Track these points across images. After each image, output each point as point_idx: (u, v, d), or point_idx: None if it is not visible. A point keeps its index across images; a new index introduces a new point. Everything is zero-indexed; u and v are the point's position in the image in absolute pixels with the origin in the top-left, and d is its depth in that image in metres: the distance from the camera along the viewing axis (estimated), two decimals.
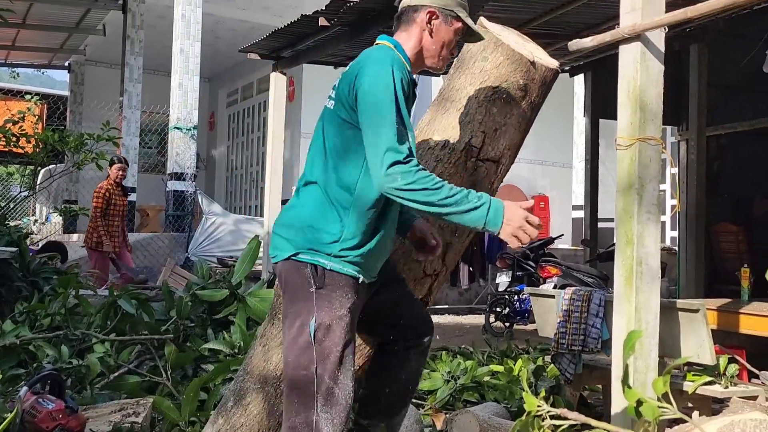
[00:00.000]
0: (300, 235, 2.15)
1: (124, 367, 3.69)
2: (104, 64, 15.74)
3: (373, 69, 2.12)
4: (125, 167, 7.49)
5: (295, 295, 2.14)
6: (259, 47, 7.45)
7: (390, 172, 2.01)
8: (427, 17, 2.26)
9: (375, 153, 2.05)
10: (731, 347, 4.35)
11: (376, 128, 2.06)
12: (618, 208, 3.03)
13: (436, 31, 2.27)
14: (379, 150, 2.03)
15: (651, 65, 2.97)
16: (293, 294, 2.15)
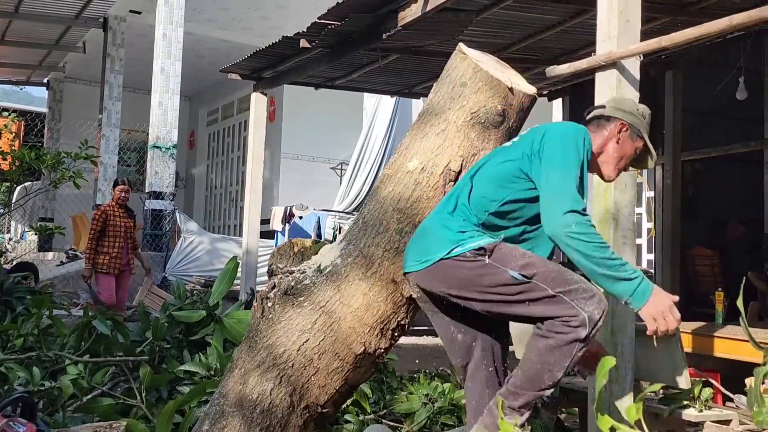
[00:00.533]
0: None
1: (98, 389, 3.63)
2: (84, 82, 15.68)
3: (568, 129, 2.43)
4: (128, 189, 7.33)
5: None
6: (240, 67, 7.47)
7: (567, 218, 2.21)
8: (619, 128, 2.56)
9: (555, 199, 2.26)
10: (706, 370, 4.38)
11: (561, 178, 2.28)
12: None
13: (622, 142, 2.57)
14: (561, 197, 2.25)
15: (626, 92, 3.03)
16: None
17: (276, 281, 2.59)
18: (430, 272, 2.36)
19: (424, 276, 2.39)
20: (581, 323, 2.18)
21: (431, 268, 2.34)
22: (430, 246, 2.37)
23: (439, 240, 2.35)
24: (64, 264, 10.72)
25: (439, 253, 2.32)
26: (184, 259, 10.12)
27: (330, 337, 2.49)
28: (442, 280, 2.35)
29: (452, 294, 2.36)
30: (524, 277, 2.25)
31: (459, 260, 2.30)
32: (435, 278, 2.36)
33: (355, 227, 2.63)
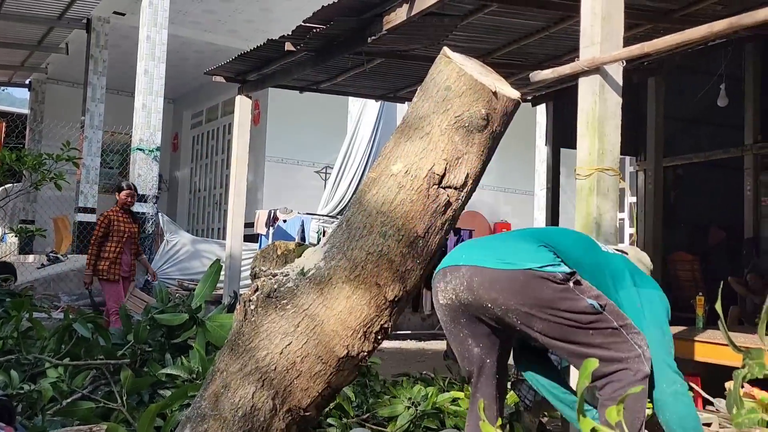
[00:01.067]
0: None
1: (78, 392, 3.60)
2: (66, 83, 15.56)
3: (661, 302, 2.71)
4: (134, 193, 7.16)
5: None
6: (224, 70, 7.45)
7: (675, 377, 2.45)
8: None
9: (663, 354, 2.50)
10: (686, 374, 4.40)
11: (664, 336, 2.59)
12: None
13: None
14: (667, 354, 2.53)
15: (609, 98, 3.05)
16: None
17: (259, 284, 2.58)
18: (507, 278, 2.38)
19: (496, 278, 2.40)
20: (639, 356, 2.34)
21: (512, 273, 2.37)
22: (518, 253, 2.43)
23: (532, 252, 2.42)
24: (45, 267, 10.62)
25: (530, 263, 2.37)
26: (167, 262, 10.06)
27: (313, 341, 2.48)
28: (517, 292, 2.38)
29: (518, 309, 2.38)
30: (600, 306, 2.35)
31: (548, 277, 2.35)
32: (509, 287, 2.38)
33: (338, 230, 2.63)
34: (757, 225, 8.01)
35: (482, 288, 2.43)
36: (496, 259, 2.43)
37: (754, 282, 7.30)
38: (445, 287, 2.54)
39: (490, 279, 2.41)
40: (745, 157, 8.09)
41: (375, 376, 4.79)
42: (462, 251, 2.60)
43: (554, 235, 2.66)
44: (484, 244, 2.59)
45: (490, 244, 2.57)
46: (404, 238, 2.53)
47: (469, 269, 2.46)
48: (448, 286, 2.53)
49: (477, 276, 2.44)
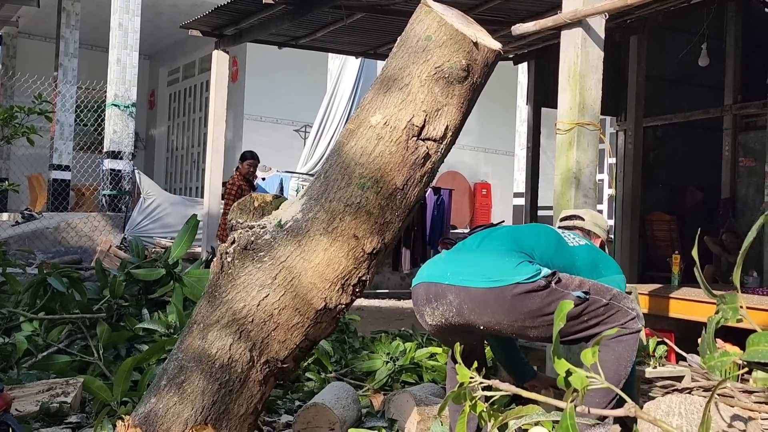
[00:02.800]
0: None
1: (54, 346, 3.57)
2: (38, 37, 15.16)
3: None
4: (256, 163, 7.14)
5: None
6: (201, 23, 7.29)
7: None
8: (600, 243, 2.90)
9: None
10: (661, 331, 4.49)
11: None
12: (556, 192, 3.08)
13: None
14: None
15: (591, 51, 3.02)
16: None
17: (236, 236, 2.55)
18: (495, 298, 2.40)
19: (485, 300, 2.41)
20: (633, 318, 2.45)
21: (500, 292, 2.39)
22: (501, 269, 2.44)
23: (514, 266, 2.44)
24: (20, 224, 10.48)
25: (515, 277, 2.39)
26: (145, 219, 9.97)
27: (290, 293, 2.46)
28: (508, 311, 2.40)
29: (512, 325, 2.43)
30: (585, 294, 2.41)
31: (534, 289, 2.38)
32: (500, 308, 2.41)
33: (316, 182, 2.60)
34: (734, 186, 8.09)
35: (473, 314, 2.45)
36: (482, 278, 2.44)
37: (729, 241, 7.40)
38: (432, 312, 2.54)
39: (480, 303, 2.42)
40: (725, 117, 8.12)
41: (354, 332, 4.81)
42: (446, 266, 2.59)
43: (526, 239, 2.67)
44: (467, 259, 2.58)
45: (473, 259, 2.56)
46: (383, 190, 2.51)
47: (458, 294, 2.46)
48: (436, 312, 2.53)
49: (467, 303, 2.44)
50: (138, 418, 2.41)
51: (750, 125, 8.11)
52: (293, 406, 3.43)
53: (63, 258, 8.92)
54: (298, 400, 3.52)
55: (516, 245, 2.58)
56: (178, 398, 2.41)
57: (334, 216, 2.49)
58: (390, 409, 3.25)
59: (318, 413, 3.00)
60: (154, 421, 2.38)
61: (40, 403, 2.91)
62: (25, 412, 2.86)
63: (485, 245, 2.64)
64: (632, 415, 1.17)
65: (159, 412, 2.39)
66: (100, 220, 10.14)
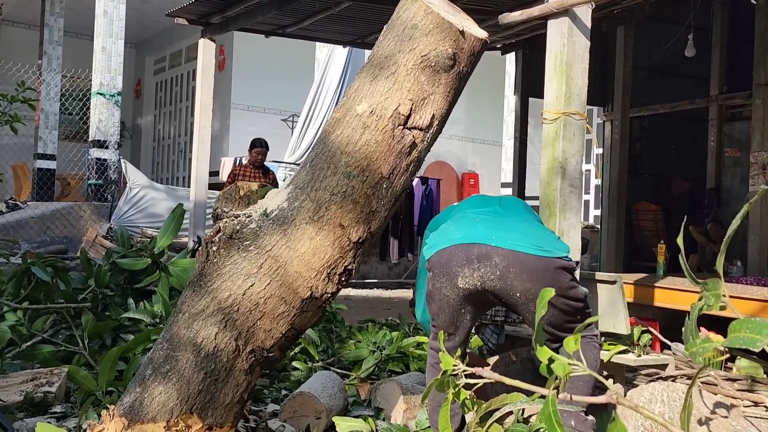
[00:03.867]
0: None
1: (38, 336, 3.55)
2: (22, 25, 14.99)
3: None
4: (264, 151, 7.32)
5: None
6: (187, 12, 7.23)
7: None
8: None
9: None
10: (646, 319, 4.53)
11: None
12: (542, 181, 3.09)
13: None
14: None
15: (578, 40, 3.02)
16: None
17: (221, 225, 2.54)
18: (543, 266, 2.41)
19: (534, 268, 2.41)
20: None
21: (548, 261, 2.41)
22: (547, 240, 2.48)
23: (555, 240, 2.50)
24: (4, 214, 10.39)
25: (559, 251, 2.43)
26: (131, 209, 9.91)
27: (276, 282, 2.46)
28: (548, 282, 2.38)
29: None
30: (586, 293, 2.50)
31: (568, 267, 2.44)
32: (543, 278, 2.41)
33: (302, 171, 2.59)
34: (719, 176, 8.15)
35: (518, 279, 2.42)
36: (532, 246, 2.43)
37: (714, 231, 7.45)
38: (471, 273, 2.48)
39: (529, 269, 2.41)
40: (710, 107, 8.16)
41: (341, 322, 4.81)
42: (488, 229, 2.53)
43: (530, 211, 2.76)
44: (508, 225, 2.55)
45: (516, 226, 2.54)
46: (369, 179, 2.50)
47: (506, 257, 2.43)
48: (476, 273, 2.47)
49: (514, 266, 2.41)
50: (123, 407, 2.41)
51: (735, 116, 8.16)
52: (280, 395, 3.43)
53: (48, 248, 8.86)
54: (285, 389, 3.52)
55: (533, 214, 2.69)
56: (163, 387, 2.40)
57: (320, 205, 2.49)
58: (377, 397, 3.26)
59: (304, 402, 3.00)
60: (139, 410, 2.37)
61: (24, 393, 2.89)
62: (9, 401, 2.84)
63: (514, 213, 2.65)
64: (614, 402, 1.18)
65: (144, 402, 2.38)
66: (86, 210, 10.07)
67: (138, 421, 2.35)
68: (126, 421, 2.36)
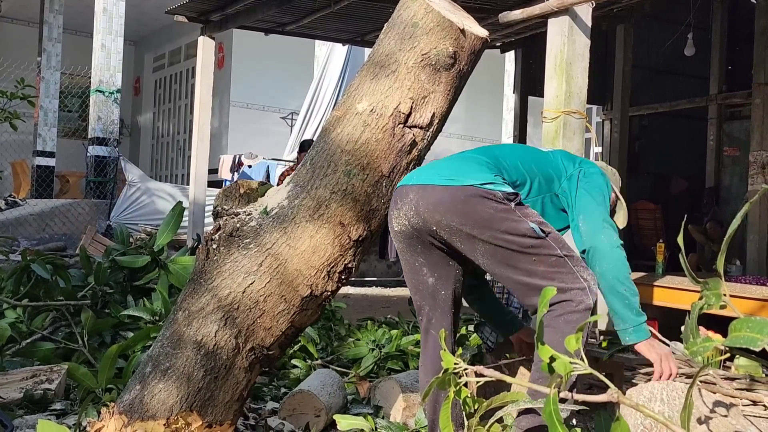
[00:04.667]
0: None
1: (38, 333, 3.55)
2: (21, 22, 14.97)
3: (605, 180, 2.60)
4: None
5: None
6: (186, 9, 7.22)
7: (609, 230, 2.36)
8: None
9: (599, 215, 2.41)
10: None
11: (601, 205, 2.46)
12: None
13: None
14: (604, 215, 2.43)
15: (578, 39, 3.02)
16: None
17: (221, 223, 2.54)
18: (449, 195, 2.32)
19: (439, 199, 2.34)
20: (584, 289, 2.28)
21: (454, 190, 2.32)
22: (461, 171, 2.38)
23: (475, 171, 2.37)
24: (3, 211, 10.38)
25: (471, 180, 2.32)
26: (130, 207, 9.91)
27: (276, 280, 2.46)
28: (459, 211, 2.32)
29: (461, 230, 2.33)
30: (542, 231, 2.29)
31: (488, 195, 2.29)
32: (451, 206, 2.33)
33: (302, 169, 2.59)
34: (718, 175, 8.15)
35: (428, 211, 2.37)
36: (440, 177, 2.38)
37: (713, 230, 7.46)
38: (398, 214, 2.46)
39: (435, 201, 2.36)
40: (710, 107, 8.17)
41: (340, 320, 4.82)
42: (414, 172, 2.53)
43: (496, 149, 2.64)
44: (433, 164, 2.53)
45: (438, 164, 2.51)
46: (369, 177, 2.51)
47: (417, 192, 2.39)
48: (401, 213, 2.45)
49: (423, 199, 2.37)
50: (123, 405, 2.41)
51: (735, 115, 8.16)
52: (279, 393, 3.44)
53: (47, 245, 8.86)
54: (284, 387, 3.52)
55: (486, 156, 2.53)
56: (163, 385, 2.40)
57: (321, 203, 2.49)
58: (376, 396, 3.27)
59: (304, 400, 3.01)
60: (139, 408, 2.37)
61: (24, 390, 2.89)
62: (9, 399, 2.85)
63: (457, 155, 2.61)
64: (615, 401, 1.18)
65: (144, 399, 2.38)
66: (85, 207, 10.06)
67: (138, 419, 2.35)
68: (126, 419, 2.37)
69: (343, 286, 2.65)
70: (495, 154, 2.54)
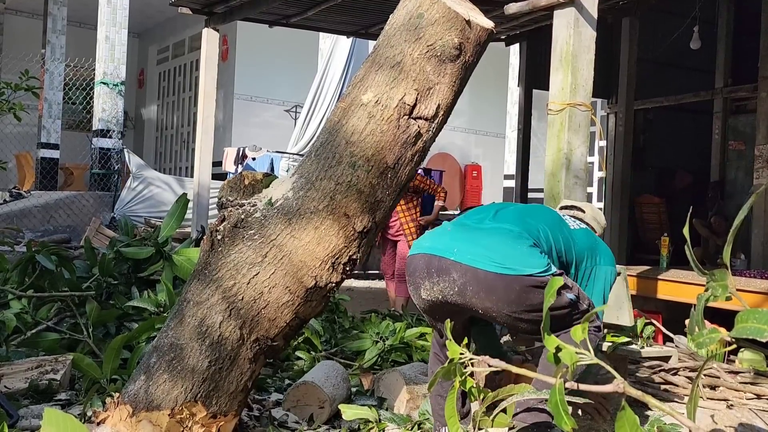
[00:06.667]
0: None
1: (43, 324, 3.56)
2: (25, 14, 14.96)
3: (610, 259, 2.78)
4: None
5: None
6: (190, 1, 7.21)
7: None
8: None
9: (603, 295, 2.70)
10: (649, 312, 4.53)
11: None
12: (547, 172, 3.08)
13: None
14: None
15: (584, 31, 3.01)
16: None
17: (226, 214, 2.54)
18: (504, 285, 2.34)
19: (493, 287, 2.35)
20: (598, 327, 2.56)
21: (510, 280, 2.33)
22: (515, 255, 2.38)
23: (526, 254, 2.39)
24: (8, 203, 10.40)
25: (528, 268, 2.34)
26: (134, 199, 9.92)
27: (281, 271, 2.46)
28: (512, 301, 2.36)
29: (509, 315, 2.39)
30: (576, 297, 2.42)
31: (543, 283, 2.30)
32: (505, 297, 2.35)
33: (307, 161, 2.59)
34: (723, 169, 8.12)
35: (476, 297, 2.38)
36: (493, 263, 2.36)
37: (718, 224, 7.44)
38: (431, 287, 2.46)
39: (487, 287, 2.35)
40: (715, 100, 8.14)
41: (344, 312, 4.82)
42: (452, 241, 2.49)
43: (533, 219, 2.63)
44: (476, 239, 2.49)
45: (482, 240, 2.47)
46: (374, 168, 2.50)
47: (464, 274, 2.38)
48: (435, 288, 2.45)
49: (472, 284, 2.36)
50: (128, 395, 2.42)
51: (740, 109, 8.13)
52: (283, 384, 3.44)
53: (52, 237, 8.87)
54: (288, 378, 3.53)
55: (523, 226, 2.54)
56: (168, 376, 2.41)
57: (325, 194, 2.49)
58: (380, 387, 3.27)
59: (308, 391, 3.01)
60: (143, 398, 2.38)
61: (29, 380, 2.90)
62: (14, 389, 2.86)
63: (494, 224, 2.57)
64: (621, 391, 1.18)
65: (149, 390, 2.39)
66: (89, 200, 10.08)
67: (143, 409, 2.36)
68: (131, 409, 2.37)
69: (347, 278, 2.65)
70: (535, 226, 2.57)
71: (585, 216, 2.89)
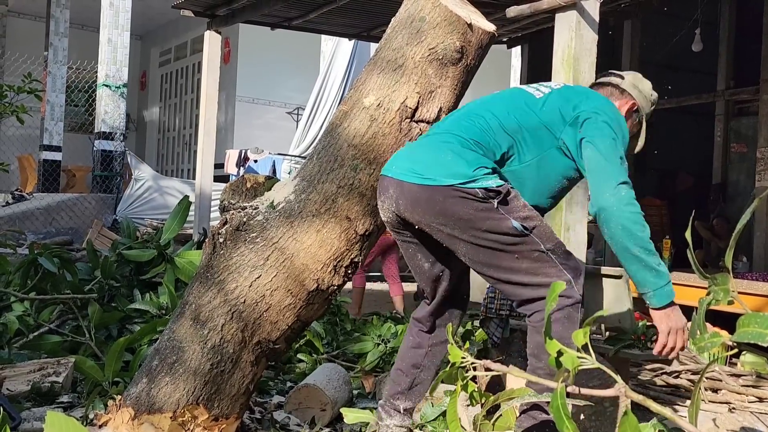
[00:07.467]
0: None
1: (45, 326, 3.57)
2: (28, 16, 15.00)
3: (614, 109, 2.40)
4: None
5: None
6: (192, 3, 7.22)
7: (621, 189, 2.17)
8: (630, 106, 2.56)
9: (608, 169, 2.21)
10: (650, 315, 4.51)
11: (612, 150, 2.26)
12: None
13: (627, 120, 2.49)
14: (614, 168, 2.22)
15: (585, 34, 3.01)
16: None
17: (228, 217, 2.55)
18: (426, 196, 2.19)
19: (416, 198, 2.21)
20: (569, 283, 2.18)
21: (431, 191, 2.18)
22: (438, 164, 2.20)
23: (453, 164, 2.19)
24: (10, 205, 10.43)
25: (449, 178, 2.16)
26: (136, 201, 9.94)
27: (282, 274, 2.46)
28: (438, 212, 2.19)
29: (441, 230, 2.22)
30: (525, 229, 2.17)
31: (467, 196, 2.15)
32: (428, 207, 2.20)
33: (309, 163, 2.59)
34: (725, 171, 8.11)
35: (407, 210, 2.26)
36: (414, 174, 2.22)
37: (720, 227, 7.43)
38: (382, 206, 2.37)
39: (412, 200, 2.23)
40: (717, 103, 8.13)
41: (345, 315, 4.82)
42: (396, 158, 2.38)
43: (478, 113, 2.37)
44: (409, 151, 2.35)
45: (414, 151, 2.33)
46: (376, 171, 2.50)
47: (395, 188, 2.26)
48: (384, 205, 2.36)
49: (401, 198, 2.25)
50: (130, 398, 2.42)
51: (742, 111, 8.12)
52: (285, 387, 3.45)
53: (54, 239, 8.89)
54: (290, 381, 3.53)
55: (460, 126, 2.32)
56: (169, 378, 2.41)
57: (327, 197, 2.49)
58: (381, 390, 3.27)
59: (310, 394, 3.01)
60: (145, 401, 2.39)
61: (31, 383, 2.90)
62: (17, 391, 2.86)
63: (432, 131, 2.40)
64: (622, 395, 1.18)
65: (151, 393, 2.39)
66: (91, 202, 10.10)
67: (144, 412, 2.37)
68: (133, 412, 2.38)
69: (348, 281, 2.65)
70: (479, 127, 2.32)
71: (622, 82, 2.58)
